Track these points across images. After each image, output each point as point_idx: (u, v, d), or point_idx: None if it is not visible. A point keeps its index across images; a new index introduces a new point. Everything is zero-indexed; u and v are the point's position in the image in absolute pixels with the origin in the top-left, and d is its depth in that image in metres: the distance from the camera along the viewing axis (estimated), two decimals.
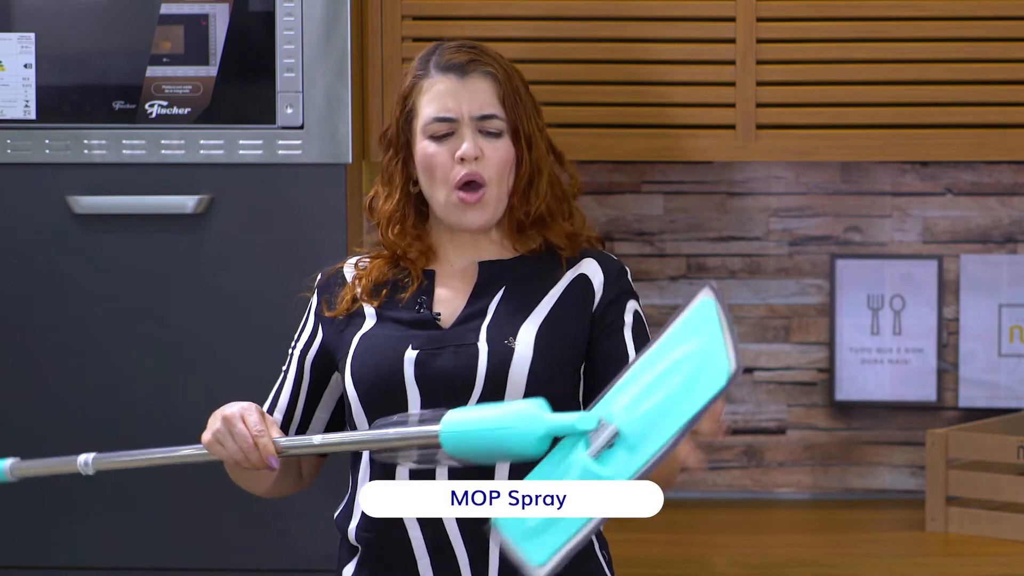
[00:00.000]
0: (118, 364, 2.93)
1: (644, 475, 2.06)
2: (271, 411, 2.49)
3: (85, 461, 2.37)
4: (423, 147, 2.42)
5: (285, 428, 2.49)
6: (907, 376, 3.39)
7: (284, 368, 2.50)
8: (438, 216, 2.45)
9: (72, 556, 2.94)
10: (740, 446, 3.42)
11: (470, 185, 2.39)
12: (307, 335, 2.49)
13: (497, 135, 2.41)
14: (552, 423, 2.16)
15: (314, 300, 2.50)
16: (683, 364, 2.06)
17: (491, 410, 2.22)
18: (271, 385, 2.51)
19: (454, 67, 2.41)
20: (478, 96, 2.40)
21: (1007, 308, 3.39)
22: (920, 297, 3.39)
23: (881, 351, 3.40)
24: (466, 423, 2.21)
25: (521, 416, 2.18)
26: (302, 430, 2.49)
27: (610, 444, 2.10)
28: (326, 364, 2.47)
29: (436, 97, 2.41)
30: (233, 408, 2.32)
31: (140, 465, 2.38)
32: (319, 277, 2.52)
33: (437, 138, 2.41)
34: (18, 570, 2.95)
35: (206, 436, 2.32)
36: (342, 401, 2.49)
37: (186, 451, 2.37)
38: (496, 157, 2.40)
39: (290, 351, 2.51)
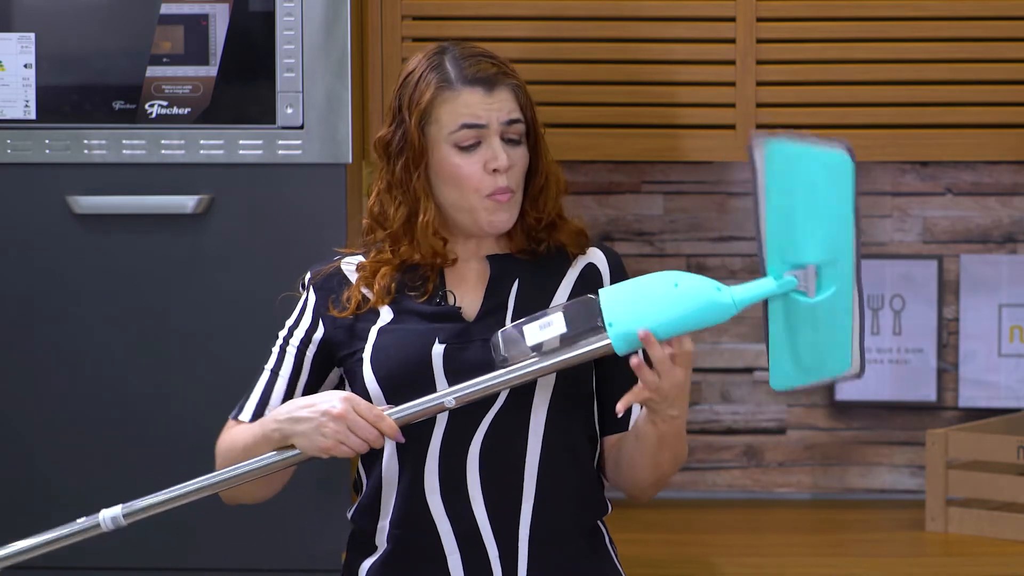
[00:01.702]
0: (118, 364, 2.93)
1: (859, 271, 2.25)
2: (262, 408, 2.48)
3: (113, 517, 2.34)
4: (447, 156, 2.42)
5: None
6: (907, 376, 3.39)
7: (272, 366, 2.50)
8: (458, 222, 2.46)
9: (73, 556, 2.93)
10: (740, 446, 3.42)
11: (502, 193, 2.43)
12: (304, 330, 2.49)
13: (518, 142, 2.44)
14: (743, 298, 2.28)
15: (311, 296, 2.50)
16: (810, 191, 2.21)
17: (653, 294, 2.27)
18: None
19: (481, 80, 2.42)
20: (506, 104, 2.42)
21: (1007, 308, 3.39)
22: (920, 297, 3.39)
23: (881, 351, 3.39)
24: (636, 322, 2.27)
25: (707, 307, 2.27)
26: None
27: (817, 281, 2.25)
28: (327, 360, 2.48)
29: (464, 106, 2.41)
30: (332, 404, 2.31)
31: (218, 488, 2.38)
32: (309, 275, 2.52)
33: (464, 148, 2.41)
34: (18, 570, 2.95)
35: (317, 443, 2.30)
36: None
37: (280, 457, 2.35)
38: (521, 164, 2.44)
39: (279, 348, 2.50)
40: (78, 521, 2.36)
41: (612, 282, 2.48)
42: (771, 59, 3.04)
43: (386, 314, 2.45)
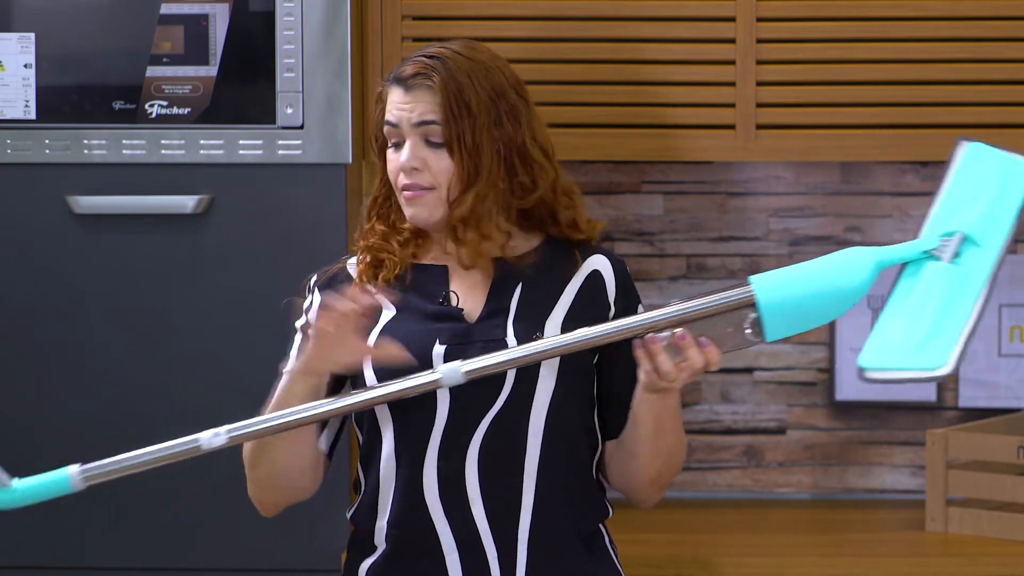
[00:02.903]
0: (118, 364, 2.93)
1: (1001, 261, 2.26)
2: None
3: (216, 433, 2.27)
4: (387, 154, 2.49)
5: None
6: None
7: (289, 368, 2.47)
8: None
9: (73, 556, 2.94)
10: (740, 446, 3.42)
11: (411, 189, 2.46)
12: None
13: (439, 144, 2.44)
14: (884, 251, 2.26)
15: (315, 299, 2.50)
16: (989, 177, 2.29)
17: (802, 264, 2.28)
18: (271, 384, 2.51)
19: (399, 80, 2.46)
20: (419, 106, 2.44)
21: (1007, 308, 3.39)
22: None
23: None
24: (781, 272, 2.26)
25: (844, 252, 2.26)
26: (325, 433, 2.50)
27: (956, 253, 2.25)
28: None
29: (389, 104, 2.47)
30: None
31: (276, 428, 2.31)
32: (315, 278, 2.53)
33: (393, 145, 2.47)
34: (19, 570, 2.95)
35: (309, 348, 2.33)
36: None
37: (346, 401, 2.30)
38: (439, 167, 2.44)
39: (297, 351, 2.48)
40: (178, 440, 2.29)
41: (616, 291, 2.48)
42: (771, 59, 3.04)
43: (388, 313, 2.45)
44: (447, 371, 2.27)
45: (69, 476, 2.29)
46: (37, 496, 2.30)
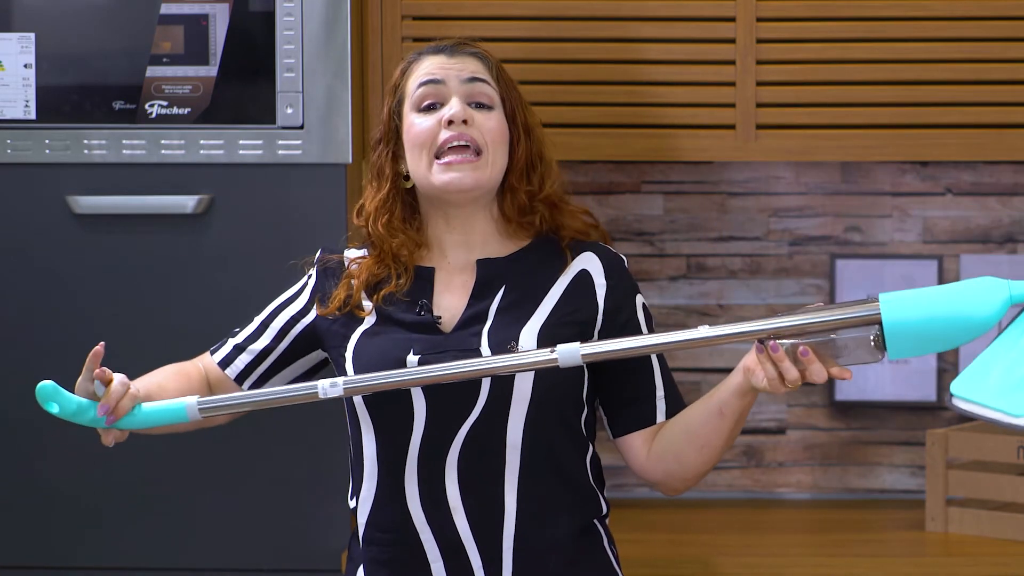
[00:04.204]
0: (118, 364, 2.91)
1: None
2: (242, 349, 2.53)
3: (333, 383, 2.29)
4: (410, 121, 2.43)
5: (245, 375, 2.53)
6: (907, 376, 3.39)
7: (261, 320, 2.53)
8: (428, 194, 2.45)
9: (74, 556, 2.94)
10: (740, 446, 3.42)
11: (457, 149, 2.39)
12: (297, 308, 2.52)
13: (488, 107, 2.41)
14: (1018, 285, 2.19)
15: (313, 278, 2.52)
16: None
17: (934, 288, 2.22)
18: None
19: (443, 48, 2.45)
20: (468, 65, 2.42)
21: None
22: None
23: None
24: (911, 293, 2.20)
25: (976, 281, 2.20)
26: (261, 382, 2.52)
27: None
28: (308, 342, 2.51)
29: (424, 69, 2.43)
30: None
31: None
32: (319, 255, 2.54)
33: (425, 109, 2.42)
34: (18, 570, 2.95)
35: None
36: (314, 371, 2.54)
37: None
38: (488, 126, 2.40)
39: (274, 310, 2.53)
40: (299, 384, 2.35)
41: (607, 287, 2.45)
42: (771, 59, 3.04)
43: (370, 318, 2.44)
44: (565, 352, 2.25)
45: (187, 406, 2.35)
46: (157, 421, 2.37)
